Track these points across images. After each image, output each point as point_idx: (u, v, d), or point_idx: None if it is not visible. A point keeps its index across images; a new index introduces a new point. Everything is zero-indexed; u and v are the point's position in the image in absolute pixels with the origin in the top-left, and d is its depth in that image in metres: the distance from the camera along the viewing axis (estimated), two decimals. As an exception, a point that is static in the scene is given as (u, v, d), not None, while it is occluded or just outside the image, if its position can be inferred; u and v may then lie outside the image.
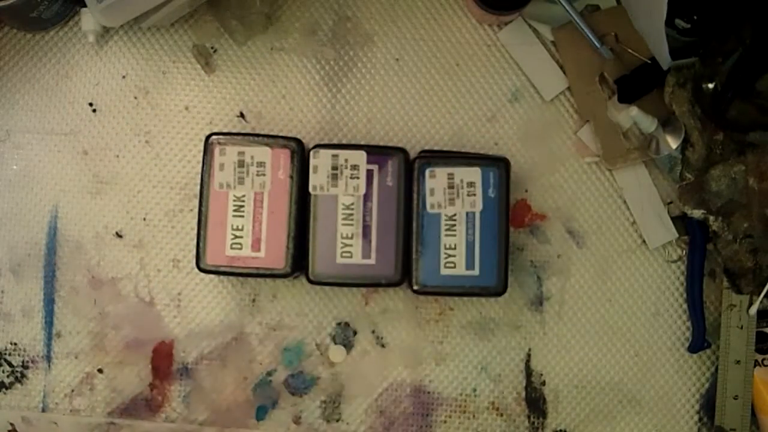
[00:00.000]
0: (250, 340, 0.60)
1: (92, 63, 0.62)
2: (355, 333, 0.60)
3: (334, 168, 0.54)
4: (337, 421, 0.60)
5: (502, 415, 0.60)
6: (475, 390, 0.60)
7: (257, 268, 0.54)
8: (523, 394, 0.60)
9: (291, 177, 0.54)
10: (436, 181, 0.55)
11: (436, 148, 0.61)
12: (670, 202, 0.61)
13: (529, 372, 0.60)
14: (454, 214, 0.54)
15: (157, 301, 0.60)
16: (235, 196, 0.54)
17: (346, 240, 0.54)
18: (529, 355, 0.61)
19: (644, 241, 0.61)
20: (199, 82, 0.62)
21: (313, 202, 0.54)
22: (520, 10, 0.59)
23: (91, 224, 0.61)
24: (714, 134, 0.58)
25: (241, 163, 0.54)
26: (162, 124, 0.61)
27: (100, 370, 0.60)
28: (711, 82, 0.56)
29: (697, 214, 0.59)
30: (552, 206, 0.61)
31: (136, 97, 0.61)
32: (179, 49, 0.62)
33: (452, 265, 0.54)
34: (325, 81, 0.62)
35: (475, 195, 0.55)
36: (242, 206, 0.54)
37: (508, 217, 0.55)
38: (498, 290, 0.54)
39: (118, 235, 0.61)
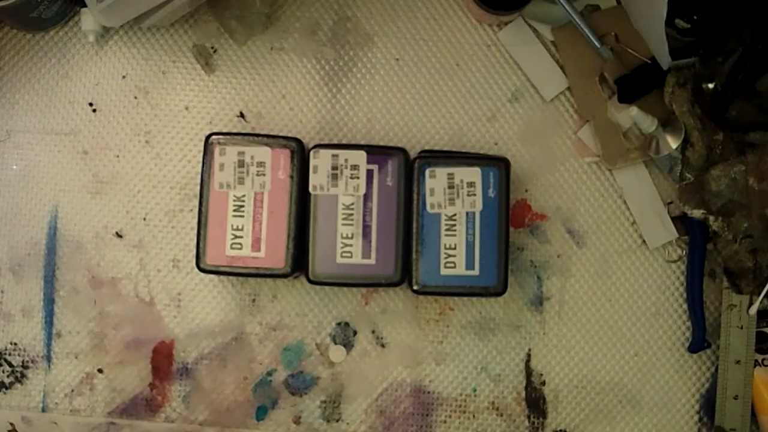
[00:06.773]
0: (250, 340, 0.60)
1: (92, 63, 0.62)
2: (355, 333, 0.60)
3: (334, 168, 0.54)
4: (337, 421, 0.60)
5: (502, 415, 0.60)
6: (475, 390, 0.60)
7: (257, 268, 0.54)
8: (523, 394, 0.60)
9: (291, 177, 0.54)
10: (436, 181, 0.55)
11: (436, 148, 0.61)
12: (670, 202, 0.61)
13: (529, 372, 0.60)
14: (454, 214, 0.54)
15: (157, 301, 0.60)
16: (235, 196, 0.54)
17: (346, 240, 0.54)
18: (529, 355, 0.61)
19: (644, 241, 0.61)
20: (199, 82, 0.62)
21: (313, 202, 0.54)
22: (520, 10, 0.59)
23: (91, 224, 0.61)
24: (714, 134, 0.58)
25: (241, 163, 0.54)
26: (162, 124, 0.61)
27: (100, 370, 0.60)
28: (711, 82, 0.56)
29: (697, 214, 0.59)
30: (552, 206, 0.61)
31: (136, 97, 0.61)
32: (179, 49, 0.62)
33: (452, 265, 0.54)
34: (325, 81, 0.62)
35: (475, 195, 0.55)
36: (242, 206, 0.54)
37: (508, 217, 0.55)
38: (498, 290, 0.54)
39: (118, 235, 0.61)
